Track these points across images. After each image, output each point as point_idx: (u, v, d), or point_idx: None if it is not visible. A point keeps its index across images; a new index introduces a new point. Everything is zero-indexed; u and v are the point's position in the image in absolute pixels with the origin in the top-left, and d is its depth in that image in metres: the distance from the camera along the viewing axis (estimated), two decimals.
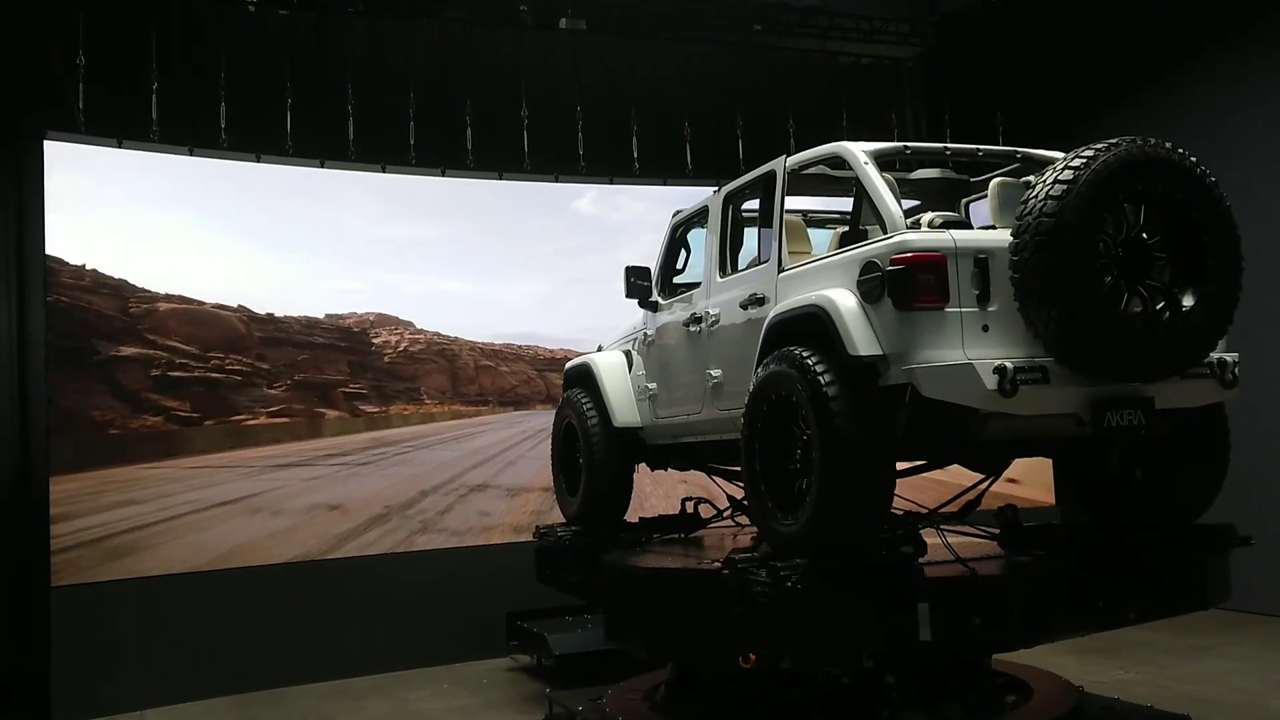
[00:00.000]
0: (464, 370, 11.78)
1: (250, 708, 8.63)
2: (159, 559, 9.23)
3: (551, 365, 11.85)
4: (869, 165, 5.35)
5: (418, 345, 11.52)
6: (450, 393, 11.59)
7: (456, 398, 11.65)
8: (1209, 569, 5.67)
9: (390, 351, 11.27)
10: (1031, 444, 5.55)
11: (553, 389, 11.66)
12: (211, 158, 9.74)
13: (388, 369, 11.21)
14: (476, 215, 11.14)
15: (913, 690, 5.64)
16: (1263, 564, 6.75)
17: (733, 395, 5.94)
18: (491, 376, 11.89)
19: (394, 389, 11.21)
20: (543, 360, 12.07)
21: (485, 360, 11.92)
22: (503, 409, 11.85)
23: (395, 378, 11.33)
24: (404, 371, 11.36)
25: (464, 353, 11.82)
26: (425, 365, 11.45)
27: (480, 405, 11.81)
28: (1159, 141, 4.69)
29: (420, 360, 11.44)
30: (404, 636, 9.74)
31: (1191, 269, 4.71)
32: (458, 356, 11.77)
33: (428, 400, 11.42)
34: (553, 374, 11.70)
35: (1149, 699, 6.91)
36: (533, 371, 12.04)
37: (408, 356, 11.48)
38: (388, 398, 11.15)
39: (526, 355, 12.12)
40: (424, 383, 11.44)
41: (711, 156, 11.61)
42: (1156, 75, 10.96)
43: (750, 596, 5.03)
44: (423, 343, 11.56)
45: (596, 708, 6.76)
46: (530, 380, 12.06)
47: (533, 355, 12.07)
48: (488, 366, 11.92)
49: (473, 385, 11.65)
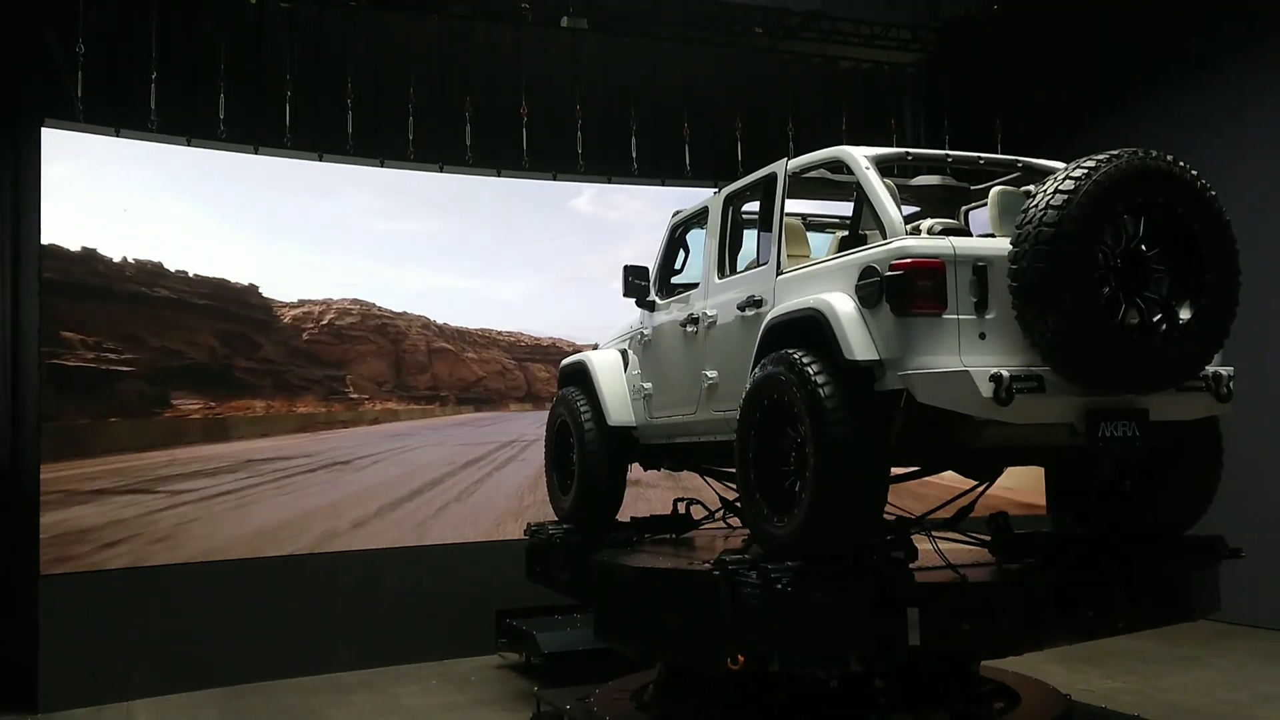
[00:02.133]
0: (411, 354, 9.54)
1: (237, 701, 8.60)
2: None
3: (535, 355, 10.12)
4: (870, 170, 5.36)
5: (348, 318, 9.25)
6: (391, 384, 9.42)
7: (398, 391, 9.47)
8: (1198, 580, 5.70)
9: (311, 326, 9.01)
10: (1025, 452, 5.57)
11: (536, 384, 10.05)
12: (209, 148, 9.70)
13: (305, 349, 9.00)
14: (473, 211, 11.12)
15: (901, 695, 5.65)
16: (1251, 576, 6.79)
17: (728, 397, 5.94)
18: (449, 364, 9.66)
19: (306, 377, 8.92)
20: (523, 348, 10.09)
21: (441, 343, 9.68)
22: (462, 409, 9.68)
23: (315, 361, 9.02)
24: (327, 353, 9.10)
25: (413, 331, 9.58)
26: (357, 345, 9.21)
27: (429, 403, 9.57)
28: (1160, 154, 4.70)
29: (351, 339, 9.17)
30: (393, 632, 9.72)
31: (1189, 282, 4.72)
32: (404, 335, 9.49)
33: (353, 393, 9.20)
34: (537, 365, 10.06)
35: (1136, 708, 6.93)
36: (509, 361, 9.97)
37: (333, 333, 9.16)
38: (291, 389, 8.81)
39: (504, 341, 10.05)
40: (354, 369, 9.25)
41: (710, 158, 11.61)
42: (1156, 83, 10.99)
43: (740, 598, 5.05)
44: (355, 314, 9.31)
45: (584, 707, 6.75)
46: (506, 372, 9.95)
47: (512, 342, 9.99)
48: (444, 351, 9.66)
49: (422, 375, 9.54)
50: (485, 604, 9.68)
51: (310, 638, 9.47)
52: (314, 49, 10.43)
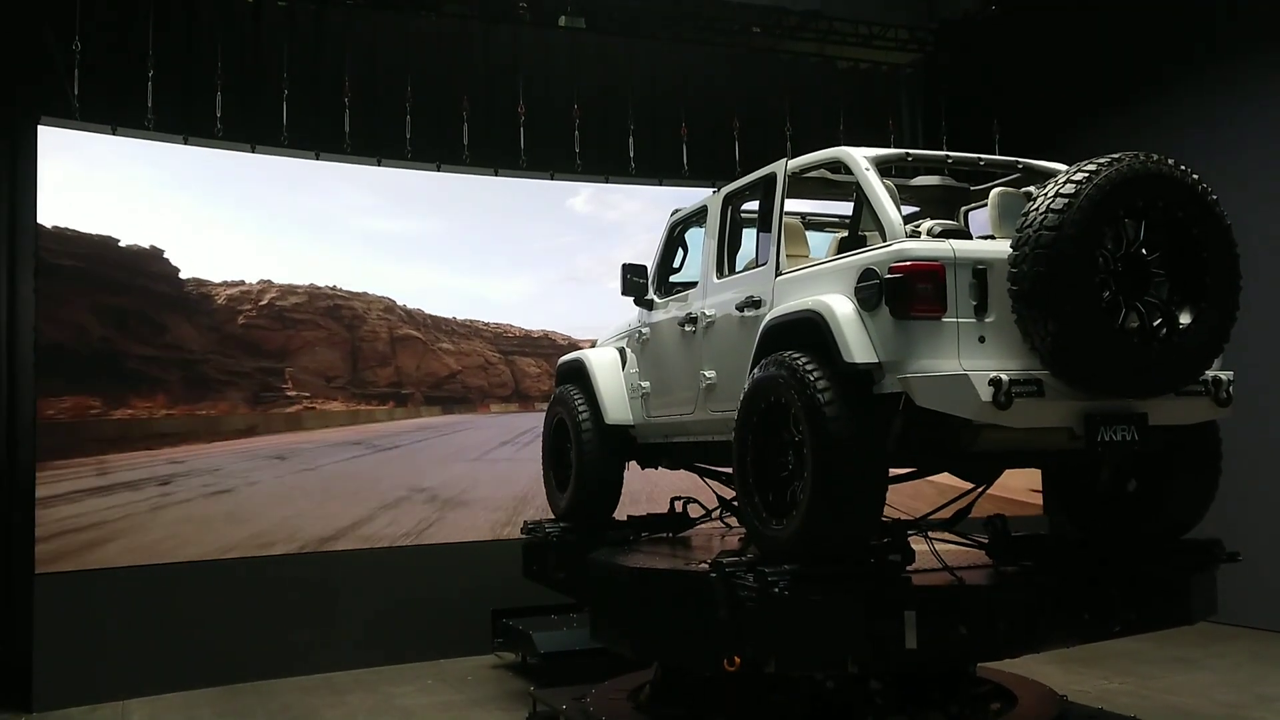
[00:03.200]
0: (370, 343, 8.35)
1: (233, 700, 8.59)
2: None
3: (525, 347, 9.18)
4: (870, 171, 5.35)
5: (292, 298, 8.04)
6: (344, 379, 8.27)
7: (350, 388, 8.32)
8: (1195, 584, 5.69)
9: (248, 308, 7.86)
10: (1023, 456, 5.57)
11: (526, 383, 9.18)
12: (206, 147, 9.67)
13: (241, 335, 7.91)
14: (470, 211, 11.09)
15: (897, 697, 5.65)
16: (1248, 578, 6.77)
17: (726, 397, 5.93)
18: (415, 356, 8.45)
19: (230, 369, 7.73)
20: (511, 340, 9.05)
21: (408, 330, 8.51)
22: (430, 410, 8.52)
23: (251, 350, 7.91)
24: (268, 341, 7.92)
25: (373, 315, 8.45)
26: (303, 332, 8.08)
27: (386, 402, 8.27)
28: (1161, 157, 4.69)
29: (295, 323, 8.03)
30: (389, 632, 9.71)
31: (1190, 286, 4.72)
32: (361, 320, 8.33)
33: (291, 390, 7.95)
34: (527, 359, 9.15)
35: (1132, 709, 6.93)
36: (494, 354, 8.91)
37: (273, 316, 7.97)
38: (206, 386, 7.57)
39: (488, 332, 9.03)
40: (298, 360, 8.05)
41: (707, 158, 11.60)
42: (1155, 83, 10.99)
43: (737, 600, 5.04)
44: (301, 294, 8.09)
45: (580, 707, 6.75)
46: (489, 366, 8.82)
47: (498, 333, 8.93)
48: (409, 340, 8.44)
49: (383, 369, 8.37)
50: (481, 603, 9.68)
51: (306, 637, 9.45)
52: (311, 48, 10.41)
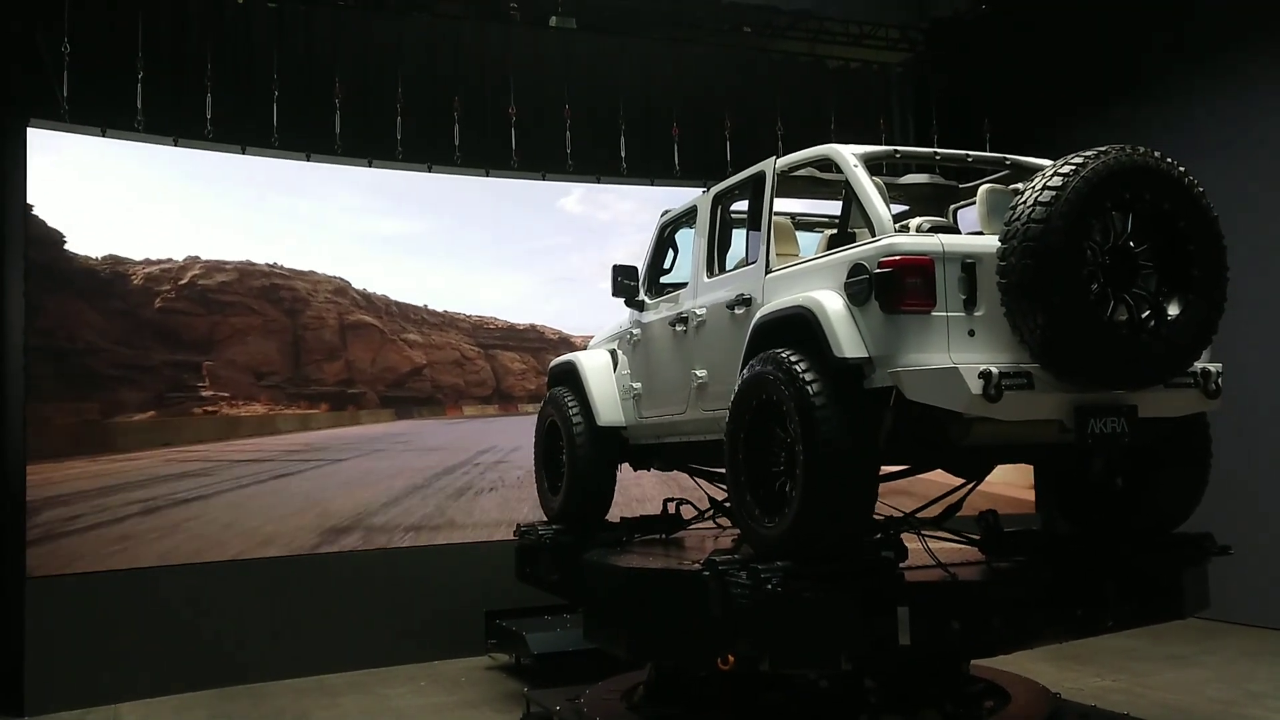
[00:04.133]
0: (315, 331, 7.07)
1: (227, 703, 8.56)
2: None
3: (509, 341, 8.17)
4: (858, 168, 5.35)
5: (219, 276, 6.85)
6: (282, 375, 7.04)
7: (288, 387, 7.05)
8: (1187, 578, 5.70)
9: (167, 289, 6.65)
10: (1015, 450, 5.59)
11: (508, 380, 8.21)
12: (196, 149, 9.66)
13: (157, 321, 6.79)
14: (462, 211, 11.08)
15: (891, 694, 5.65)
16: (1241, 574, 6.78)
17: (717, 396, 5.93)
18: (371, 348, 7.15)
19: (129, 363, 6.48)
20: (492, 332, 7.96)
21: (362, 316, 7.21)
22: (384, 415, 7.23)
23: (166, 340, 6.69)
24: (188, 328, 6.65)
25: (319, 297, 7.23)
26: (232, 317, 6.85)
27: (333, 406, 6.85)
28: (1148, 150, 4.70)
29: (224, 307, 6.81)
30: (382, 633, 9.69)
31: (1177, 278, 4.73)
32: (304, 303, 7.15)
33: (207, 388, 6.68)
34: (510, 354, 8.20)
35: (1125, 706, 6.94)
36: (472, 348, 7.83)
37: (196, 298, 6.76)
38: (92, 383, 6.46)
39: (466, 324, 7.95)
40: (224, 352, 6.86)
41: (699, 158, 11.60)
42: (1143, 81, 11.02)
43: (730, 598, 5.03)
44: (230, 272, 6.88)
45: (574, 707, 6.74)
46: (465, 362, 7.65)
47: (478, 324, 7.81)
48: (365, 328, 7.14)
49: (331, 363, 7.12)
50: (475, 605, 9.66)
51: (299, 639, 9.43)
52: (301, 49, 10.39)
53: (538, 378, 8.56)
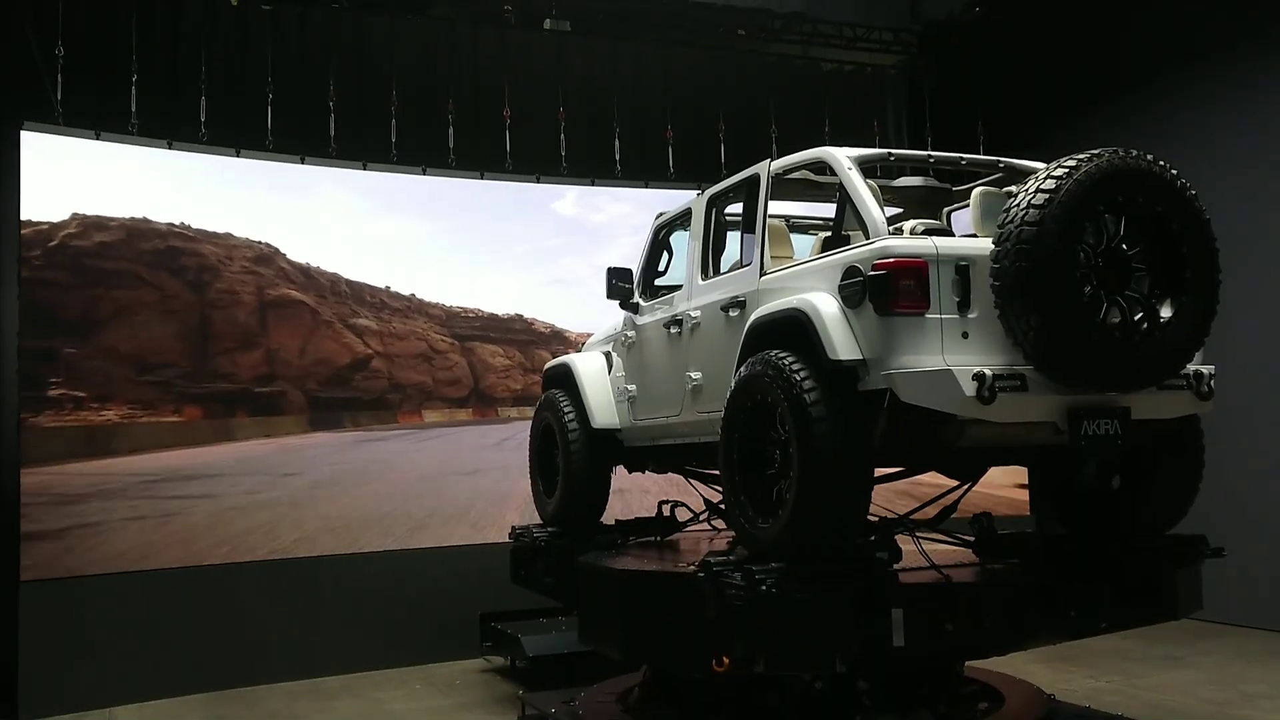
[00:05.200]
0: (227, 310, 5.68)
1: (220, 706, 8.55)
2: None
3: (490, 332, 7.17)
4: (853, 170, 5.37)
5: (99, 235, 5.40)
6: (180, 368, 5.56)
7: (182, 386, 5.62)
8: (1181, 579, 5.72)
9: (35, 255, 5.00)
10: (1008, 452, 5.59)
11: (487, 378, 7.30)
12: (191, 151, 9.64)
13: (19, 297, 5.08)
14: (456, 214, 11.07)
15: (885, 696, 5.65)
16: (1234, 575, 6.83)
17: (712, 398, 5.93)
18: (299, 333, 5.63)
19: None
20: (473, 321, 6.66)
21: (288, 290, 5.76)
22: (296, 425, 5.67)
23: (31, 320, 5.26)
24: (60, 304, 5.08)
25: (234, 266, 5.80)
26: (115, 290, 5.38)
27: (247, 412, 5.41)
28: (1140, 153, 4.72)
29: (106, 277, 5.29)
30: (376, 636, 9.68)
31: (1170, 280, 4.74)
32: (214, 274, 5.76)
33: (57, 388, 5.28)
34: (491, 346, 7.21)
35: (1119, 707, 6.95)
36: (445, 338, 6.36)
37: (70, 265, 5.28)
38: None
39: (439, 311, 6.60)
40: (104, 337, 5.42)
41: (693, 160, 11.61)
42: (1137, 83, 11.05)
43: (725, 600, 5.04)
44: (114, 230, 5.46)
45: (569, 710, 6.74)
46: (434, 356, 6.23)
47: (455, 314, 6.38)
48: (293, 306, 5.68)
49: (246, 353, 5.68)
50: (470, 607, 9.64)
51: (293, 642, 9.41)
52: (296, 51, 10.38)
53: (525, 376, 7.59)
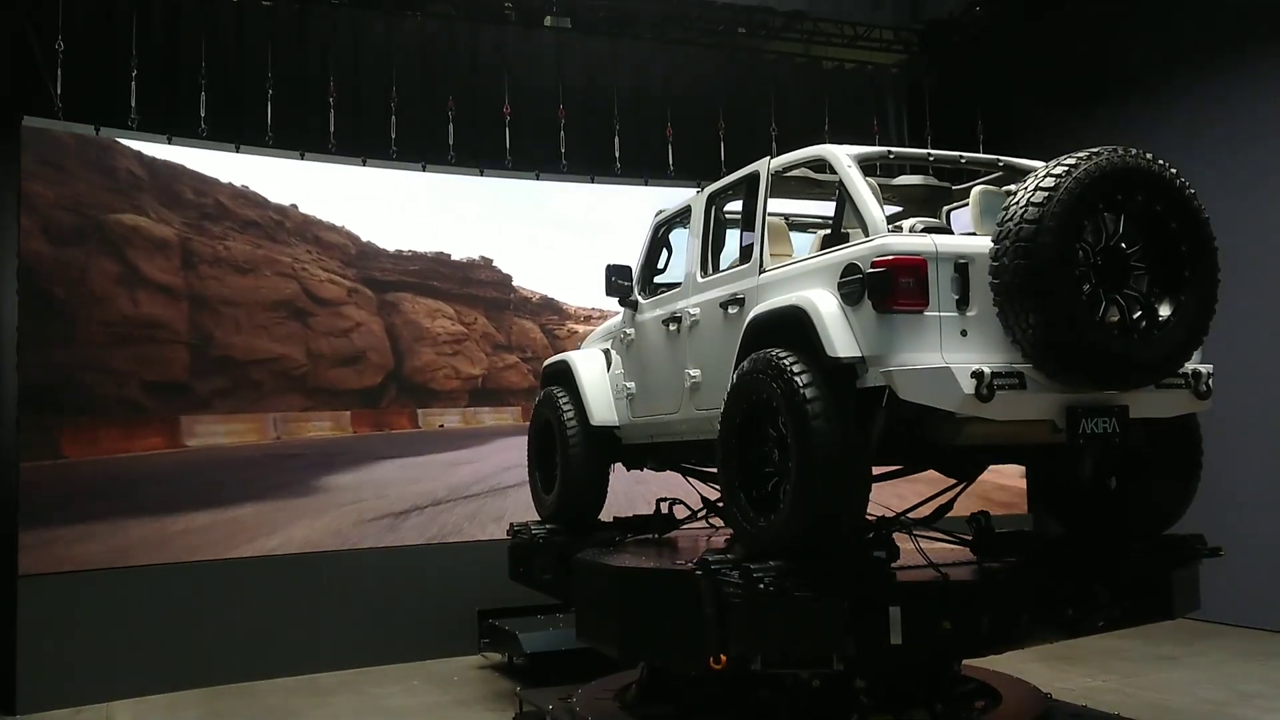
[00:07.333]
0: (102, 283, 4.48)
1: (218, 701, 8.55)
2: None
3: (434, 281, 7.16)
4: (852, 168, 5.36)
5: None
6: None
7: None
8: (1178, 579, 5.71)
9: None
10: (1006, 450, 5.59)
11: (420, 360, 7.46)
12: (190, 147, 9.64)
13: None
14: (455, 211, 11.05)
15: (882, 694, 5.65)
16: (1231, 574, 6.82)
17: (711, 395, 5.93)
18: (168, 305, 4.67)
19: None
20: (403, 262, 5.98)
21: (191, 236, 4.65)
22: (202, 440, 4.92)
23: None
24: None
25: None
26: None
27: None
28: (1140, 152, 4.71)
29: None
30: (374, 633, 9.68)
31: (1169, 279, 4.74)
32: None
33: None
34: (432, 302, 7.06)
35: (1116, 706, 6.95)
36: (342, 283, 5.50)
37: None
38: None
39: (345, 241, 5.49)
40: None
41: (693, 158, 11.61)
42: (1136, 82, 11.04)
43: (722, 597, 5.04)
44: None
45: (566, 707, 6.73)
46: (309, 316, 5.26)
47: (374, 251, 5.55)
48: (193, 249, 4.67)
49: None
50: (468, 604, 9.66)
51: (291, 638, 9.42)
52: (295, 48, 10.38)
53: (492, 356, 6.65)
